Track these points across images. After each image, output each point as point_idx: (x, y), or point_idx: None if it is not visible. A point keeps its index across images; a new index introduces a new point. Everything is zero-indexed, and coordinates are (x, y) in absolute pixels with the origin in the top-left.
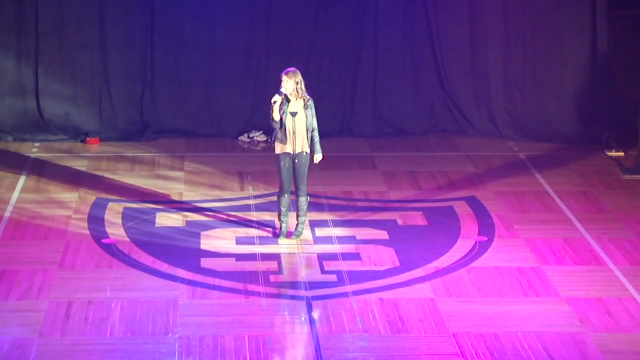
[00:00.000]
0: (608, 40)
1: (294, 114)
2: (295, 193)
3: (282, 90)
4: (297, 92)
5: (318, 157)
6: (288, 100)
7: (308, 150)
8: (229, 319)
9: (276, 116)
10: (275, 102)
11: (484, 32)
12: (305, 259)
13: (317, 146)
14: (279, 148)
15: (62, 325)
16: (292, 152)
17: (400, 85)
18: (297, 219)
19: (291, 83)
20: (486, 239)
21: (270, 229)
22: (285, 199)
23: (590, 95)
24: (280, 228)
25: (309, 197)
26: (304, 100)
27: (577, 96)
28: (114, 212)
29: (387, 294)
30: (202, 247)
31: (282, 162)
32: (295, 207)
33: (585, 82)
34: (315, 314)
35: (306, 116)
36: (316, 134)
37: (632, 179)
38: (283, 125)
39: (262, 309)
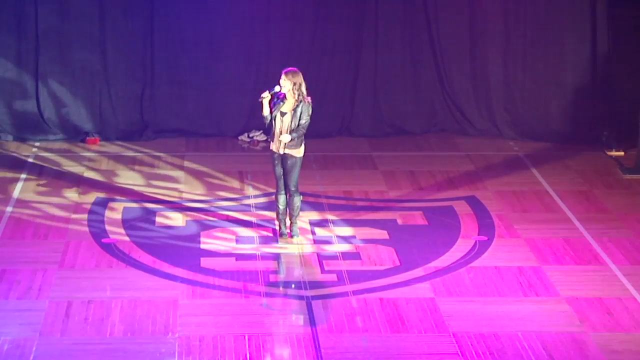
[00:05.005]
0: (608, 41)
1: (283, 114)
2: (287, 192)
3: (276, 87)
4: (293, 92)
5: (285, 136)
6: (285, 99)
7: (296, 154)
8: (229, 319)
9: (265, 111)
10: (263, 97)
11: (484, 32)
12: (304, 258)
13: (297, 133)
14: (271, 145)
15: (62, 325)
16: (277, 152)
17: (400, 85)
18: (290, 219)
19: (288, 83)
20: (486, 238)
21: (270, 229)
22: (282, 197)
23: (590, 95)
24: (280, 227)
25: (302, 197)
26: (298, 102)
27: (577, 96)
28: (114, 212)
29: (387, 293)
30: (202, 247)
31: (274, 160)
32: (289, 207)
33: (585, 82)
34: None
35: (292, 119)
36: (302, 129)
37: (632, 179)
38: (272, 123)
39: (262, 309)
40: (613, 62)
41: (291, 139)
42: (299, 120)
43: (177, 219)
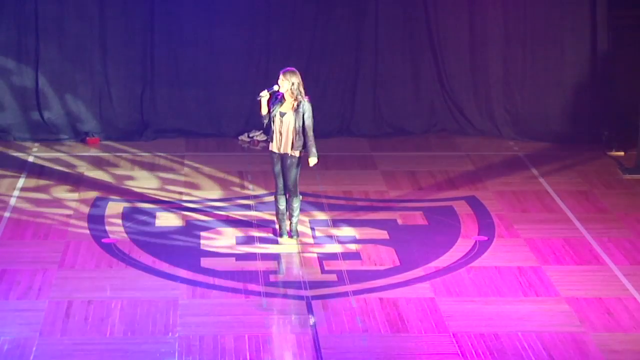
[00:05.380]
0: (608, 40)
1: (282, 115)
2: (286, 193)
3: (275, 87)
4: (292, 92)
5: (312, 160)
6: (283, 99)
7: (296, 154)
8: (229, 319)
9: (263, 111)
10: (262, 97)
11: (484, 32)
12: (304, 258)
13: (312, 149)
14: (270, 145)
15: (62, 325)
16: (277, 152)
17: (400, 85)
18: (290, 219)
19: (286, 83)
20: (486, 238)
21: (270, 229)
22: (281, 197)
23: (591, 95)
24: (280, 227)
25: (302, 197)
26: (297, 102)
27: (577, 96)
28: (114, 212)
29: (387, 293)
30: (202, 247)
31: (273, 160)
32: (289, 207)
33: (585, 82)
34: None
35: (295, 119)
36: (310, 135)
37: (632, 179)
38: (271, 123)
39: (262, 309)
40: (613, 62)
41: (317, 159)
42: (303, 121)
43: (177, 219)
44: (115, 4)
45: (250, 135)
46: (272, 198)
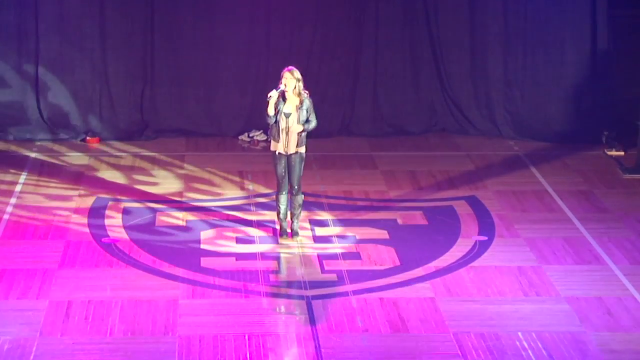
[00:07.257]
0: (608, 40)
1: (287, 115)
2: (290, 191)
3: (281, 87)
4: (297, 90)
5: (297, 126)
6: (284, 100)
7: (302, 150)
8: (229, 319)
9: (270, 111)
10: (271, 97)
11: (484, 32)
12: (304, 258)
13: (306, 125)
14: (273, 146)
15: (62, 325)
16: (284, 153)
17: (400, 85)
18: (291, 218)
19: (293, 81)
20: (486, 238)
21: (270, 229)
22: (283, 197)
23: (590, 95)
24: (280, 227)
25: (303, 196)
26: (300, 100)
27: (577, 96)
28: (114, 212)
29: (387, 293)
30: (202, 246)
31: (277, 160)
32: (291, 205)
33: (585, 81)
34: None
35: (298, 117)
36: (313, 122)
37: (632, 179)
38: (277, 123)
39: (262, 309)
40: (613, 61)
41: (303, 129)
42: (307, 117)
43: (177, 219)
44: (115, 4)
45: (250, 135)
46: (272, 198)
